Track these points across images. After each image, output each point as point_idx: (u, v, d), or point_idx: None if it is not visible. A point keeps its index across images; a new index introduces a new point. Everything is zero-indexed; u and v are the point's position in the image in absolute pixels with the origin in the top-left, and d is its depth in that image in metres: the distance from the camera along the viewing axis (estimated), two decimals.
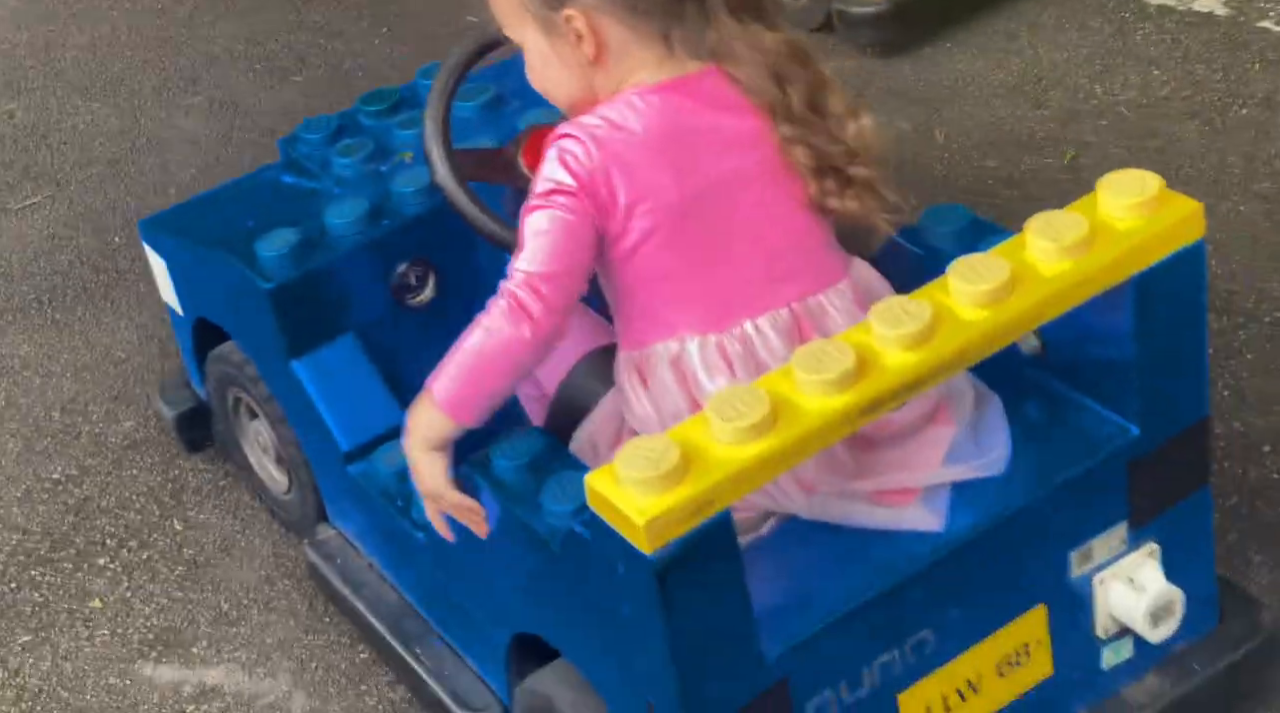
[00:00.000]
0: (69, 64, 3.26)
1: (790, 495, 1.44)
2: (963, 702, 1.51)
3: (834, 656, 1.42)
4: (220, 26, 3.29)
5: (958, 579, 1.45)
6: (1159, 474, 1.52)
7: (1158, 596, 1.52)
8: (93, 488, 2.21)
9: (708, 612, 1.33)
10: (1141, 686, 1.61)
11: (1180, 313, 1.47)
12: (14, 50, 3.33)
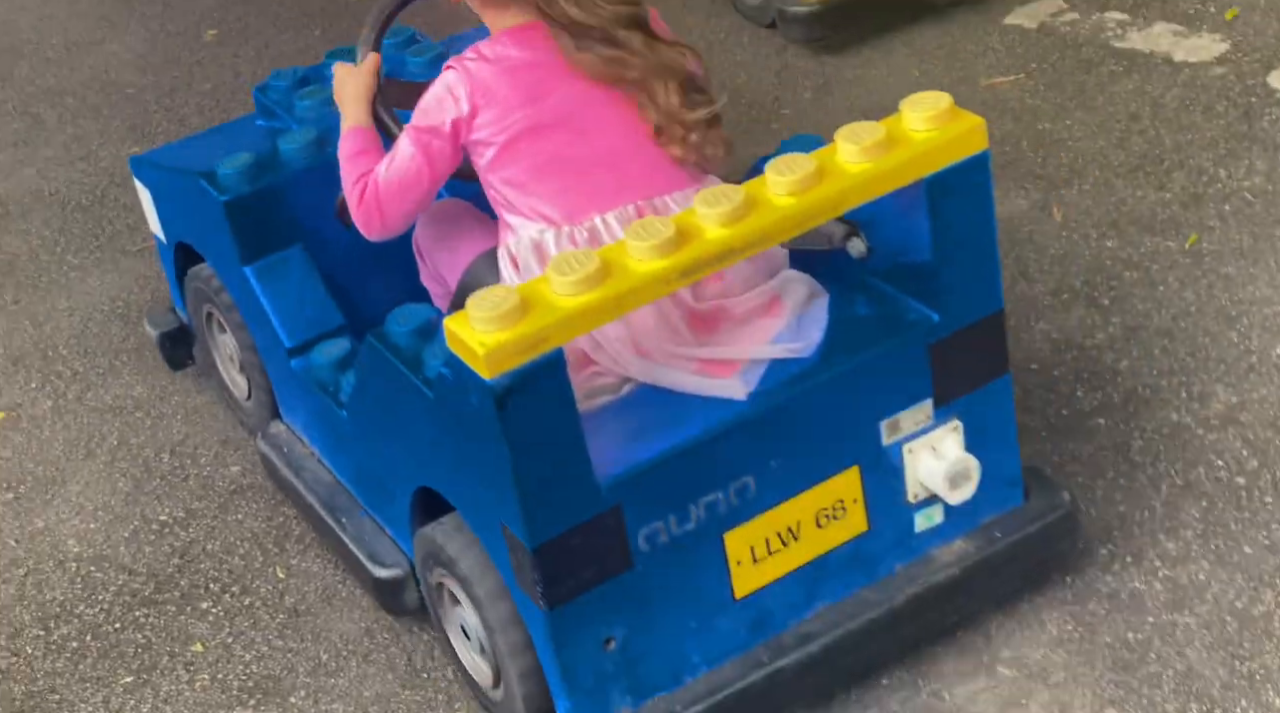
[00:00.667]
0: (192, 110, 3.22)
1: (627, 359, 1.69)
2: (784, 546, 1.72)
3: (662, 490, 1.63)
4: None
5: (774, 435, 1.67)
6: (958, 358, 1.74)
7: (955, 462, 1.74)
8: (199, 531, 2.20)
9: (543, 436, 1.54)
10: (950, 548, 1.81)
11: (970, 214, 1.70)
12: (140, 95, 3.30)
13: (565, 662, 1.68)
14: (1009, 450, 1.84)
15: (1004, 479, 1.84)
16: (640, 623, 1.70)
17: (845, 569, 1.78)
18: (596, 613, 1.67)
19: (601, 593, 1.66)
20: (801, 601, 1.78)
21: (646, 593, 1.69)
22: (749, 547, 1.72)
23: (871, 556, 1.80)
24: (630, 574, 1.66)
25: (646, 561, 1.66)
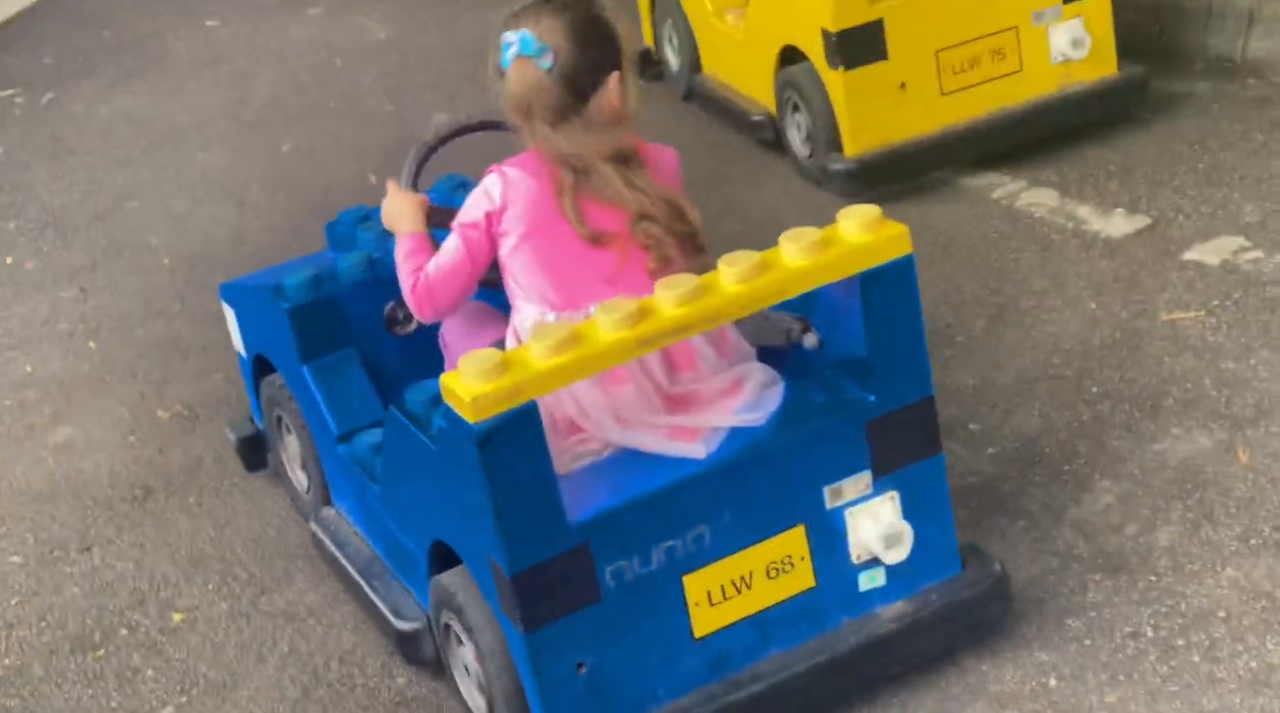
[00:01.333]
0: None
1: (608, 426, 2.07)
2: (738, 593, 2.06)
3: (626, 532, 1.97)
4: None
5: (726, 492, 2.01)
6: (893, 436, 2.07)
7: (888, 526, 2.08)
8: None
9: (519, 476, 1.89)
10: (892, 608, 2.14)
11: (898, 310, 2.05)
12: None
13: (542, 682, 1.98)
14: (944, 522, 2.15)
15: (941, 549, 2.16)
16: (609, 652, 2.01)
17: (796, 619, 2.10)
18: (569, 639, 1.98)
19: (573, 621, 1.97)
20: (757, 644, 2.09)
21: (614, 625, 2.01)
22: (706, 591, 2.05)
23: (820, 609, 2.12)
24: (599, 607, 1.99)
25: (613, 595, 1.99)
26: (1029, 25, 3.51)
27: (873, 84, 3.45)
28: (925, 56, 3.48)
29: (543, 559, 1.93)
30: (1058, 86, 3.58)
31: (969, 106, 3.56)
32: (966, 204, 3.54)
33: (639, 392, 2.07)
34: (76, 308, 3.81)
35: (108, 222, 4.31)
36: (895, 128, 3.51)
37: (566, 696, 2.00)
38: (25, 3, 6.20)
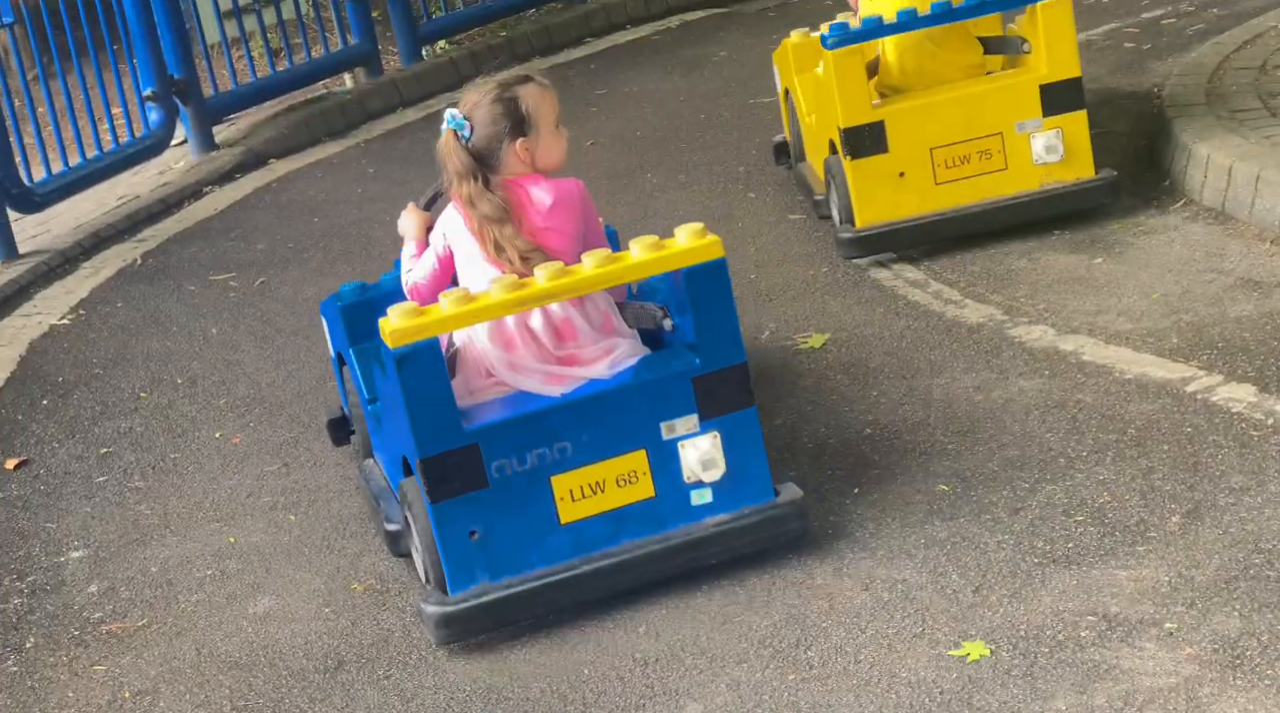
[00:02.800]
0: None
1: (507, 374, 3.08)
2: (594, 494, 2.98)
3: (506, 439, 2.94)
4: None
5: (583, 420, 2.97)
6: (713, 390, 3.01)
7: (705, 453, 3.02)
8: None
9: (425, 390, 2.86)
10: (715, 518, 3.06)
11: (715, 297, 3.00)
12: None
13: (444, 543, 2.94)
14: (759, 459, 3.08)
15: (757, 479, 3.09)
16: (494, 525, 2.94)
17: (640, 519, 3.02)
18: (463, 511, 2.92)
19: (466, 499, 2.92)
20: (610, 534, 3.01)
21: (498, 505, 2.94)
22: (569, 489, 2.97)
23: (659, 514, 3.04)
24: (486, 490, 2.93)
25: (497, 484, 2.94)
26: (1013, 132, 4.34)
27: (876, 172, 4.36)
28: (921, 152, 4.36)
29: (443, 450, 2.89)
30: (1040, 184, 4.43)
31: (960, 195, 4.42)
32: (1162, 399, 3.58)
33: (532, 353, 3.08)
34: (279, 481, 3.96)
35: (310, 399, 4.48)
36: (895, 208, 4.42)
37: (462, 555, 2.94)
38: (241, 193, 6.59)
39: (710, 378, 2.96)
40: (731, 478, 3.02)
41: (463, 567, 2.92)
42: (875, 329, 4.31)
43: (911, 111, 4.34)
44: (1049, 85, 4.31)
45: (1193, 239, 4.48)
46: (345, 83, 7.77)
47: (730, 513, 3.04)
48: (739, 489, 3.04)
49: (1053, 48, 4.30)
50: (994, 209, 4.40)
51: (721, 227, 5.17)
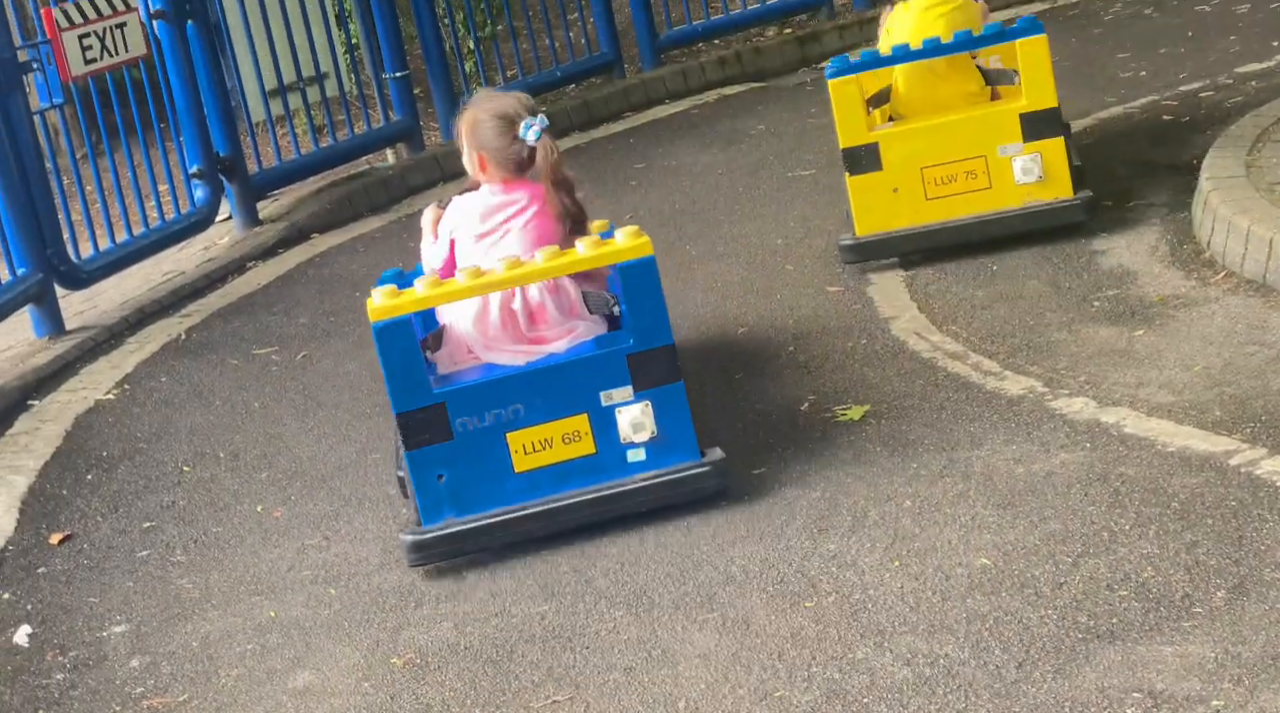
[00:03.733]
0: (599, 572, 3.51)
1: (482, 351, 3.77)
2: (543, 449, 3.63)
3: (468, 400, 3.60)
4: (740, 547, 3.52)
5: (535, 386, 3.63)
6: (645, 366, 3.61)
7: (636, 418, 3.64)
8: None
9: (399, 356, 3.57)
10: (646, 473, 3.68)
11: (645, 288, 3.62)
12: (552, 556, 3.61)
13: (419, 484, 3.64)
14: (685, 426, 3.67)
15: (683, 443, 3.67)
16: (459, 472, 3.61)
17: (583, 472, 3.64)
18: (432, 458, 3.60)
19: (435, 449, 3.59)
20: (557, 482, 3.65)
21: (461, 455, 3.61)
22: (521, 444, 3.62)
23: (599, 468, 3.65)
24: (452, 443, 3.59)
25: (461, 437, 3.61)
26: (996, 155, 4.85)
27: (872, 187, 4.92)
28: (912, 171, 4.89)
29: (415, 407, 3.57)
30: (1021, 202, 4.91)
31: (948, 210, 4.93)
32: (1206, 472, 3.55)
33: (508, 334, 3.74)
34: (319, 555, 3.97)
35: (351, 472, 4.51)
36: (890, 220, 4.96)
37: (432, 495, 3.63)
38: (284, 268, 6.66)
39: (642, 356, 3.60)
40: (661, 440, 3.63)
41: (433, 504, 3.60)
42: (915, 401, 4.31)
43: (903, 135, 4.92)
44: (1028, 114, 4.78)
45: (1234, 311, 4.47)
46: (387, 158, 7.86)
47: (659, 470, 3.63)
48: (668, 450, 3.64)
49: (1031, 80, 4.79)
50: (979, 223, 4.91)
51: (760, 299, 5.19)
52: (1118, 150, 5.86)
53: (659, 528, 3.75)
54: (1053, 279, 4.90)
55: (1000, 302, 4.82)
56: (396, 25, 7.77)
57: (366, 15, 7.73)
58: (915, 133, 4.92)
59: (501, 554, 3.79)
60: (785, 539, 3.59)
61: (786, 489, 3.88)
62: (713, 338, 4.95)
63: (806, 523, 3.68)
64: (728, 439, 4.22)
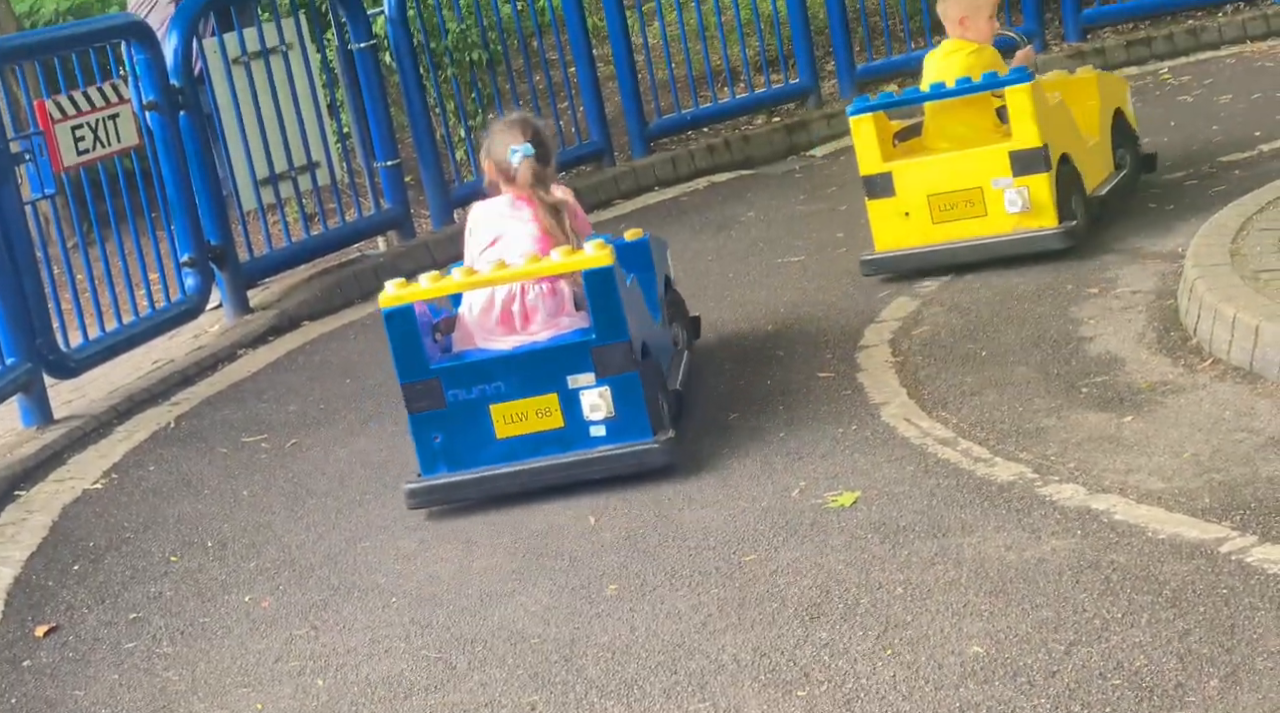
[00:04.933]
0: (589, 661, 3.51)
1: (478, 337, 4.54)
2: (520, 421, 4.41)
3: (458, 376, 4.40)
4: (731, 635, 3.53)
5: (513, 369, 4.39)
6: (604, 358, 4.31)
7: (594, 400, 4.35)
8: None
9: (404, 339, 4.41)
10: (606, 446, 4.42)
11: (606, 291, 4.32)
12: (542, 645, 3.64)
13: (418, 442, 4.47)
14: (639, 410, 4.35)
15: (637, 424, 4.37)
16: (450, 435, 4.41)
17: (554, 442, 4.38)
18: (429, 423, 4.42)
19: (431, 415, 4.39)
20: (532, 449, 4.40)
21: (452, 422, 4.38)
22: (502, 415, 4.36)
23: (566, 439, 4.38)
24: (444, 410, 4.37)
25: (453, 407, 4.38)
26: (990, 187, 5.54)
27: (887, 210, 5.67)
28: (920, 198, 5.62)
29: (415, 380, 4.40)
30: (1011, 229, 5.57)
31: (951, 233, 5.63)
32: (1197, 560, 3.53)
33: (502, 327, 4.52)
34: (307, 645, 3.94)
35: (340, 561, 4.48)
36: (902, 240, 5.70)
37: (429, 452, 4.46)
38: (275, 355, 6.67)
39: (602, 349, 4.27)
40: (619, 420, 4.30)
41: (430, 459, 4.42)
42: (905, 487, 4.30)
43: (913, 166, 5.63)
44: (1016, 152, 5.45)
45: (1221, 398, 4.49)
46: (379, 246, 7.90)
47: (615, 445, 4.32)
48: (625, 429, 4.32)
49: (1018, 124, 5.44)
50: (975, 246, 5.57)
51: (751, 384, 5.20)
52: (1104, 237, 5.90)
53: (649, 615, 3.76)
54: (1041, 365, 4.93)
55: (989, 387, 4.85)
56: (388, 114, 7.85)
57: (358, 105, 7.80)
58: (923, 165, 5.61)
59: (490, 642, 3.80)
60: (777, 627, 3.57)
61: (778, 576, 3.87)
62: (704, 422, 4.94)
63: (798, 610, 3.66)
64: (720, 525, 4.22)
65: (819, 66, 9.20)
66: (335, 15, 7.77)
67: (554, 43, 8.99)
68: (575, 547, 4.21)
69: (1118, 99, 6.18)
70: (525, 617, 3.90)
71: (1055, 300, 5.39)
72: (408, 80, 7.88)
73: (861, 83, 9.02)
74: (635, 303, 4.53)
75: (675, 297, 5.24)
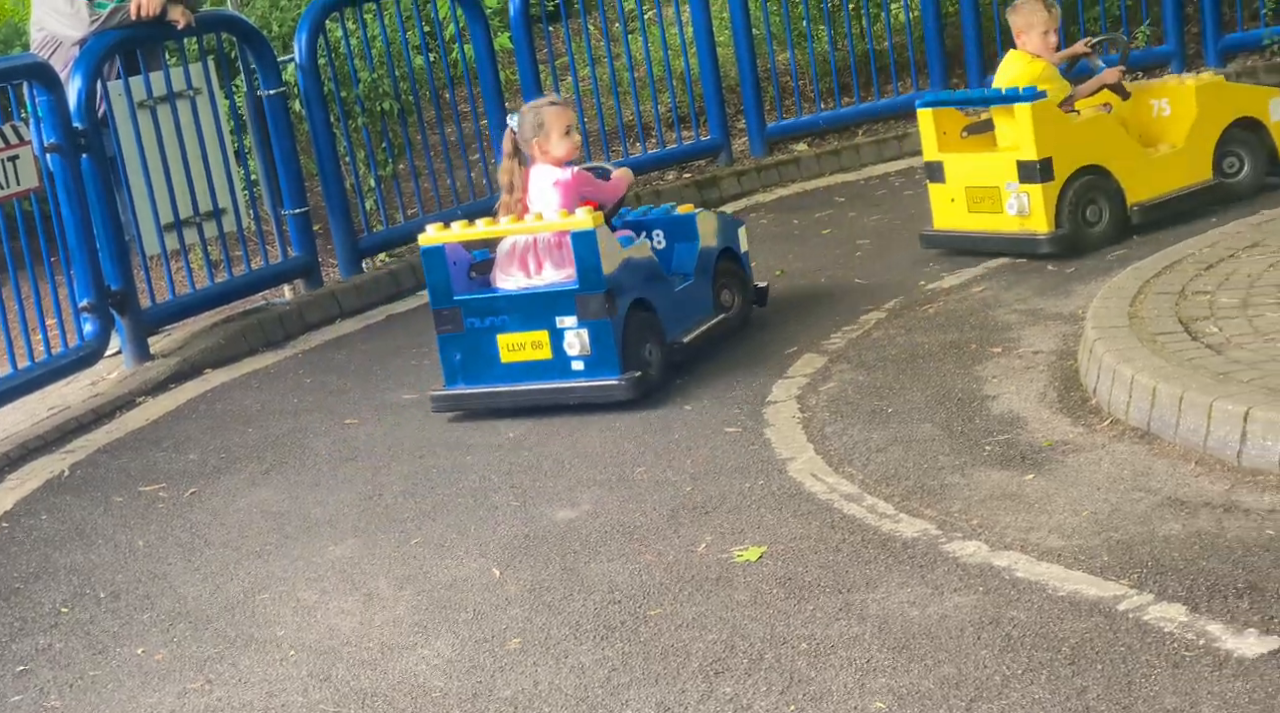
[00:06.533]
0: None
1: (499, 277, 5.57)
2: (519, 350, 5.42)
3: (474, 307, 5.46)
4: (635, 690, 3.54)
5: (515, 306, 5.41)
6: (585, 304, 5.22)
7: (572, 339, 5.30)
8: None
9: (436, 274, 5.50)
10: (583, 379, 5.39)
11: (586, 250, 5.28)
12: (444, 699, 3.62)
13: (443, 358, 5.56)
14: (610, 350, 5.28)
15: (609, 362, 5.31)
16: (466, 355, 5.50)
17: (544, 370, 5.42)
18: (451, 343, 5.51)
19: (453, 336, 5.50)
20: (528, 374, 5.45)
21: (468, 344, 5.47)
22: (506, 344, 5.40)
23: (553, 369, 5.40)
24: (462, 334, 5.47)
25: (469, 331, 5.46)
26: (1004, 188, 6.27)
27: (940, 195, 6.53)
28: (961, 188, 6.42)
29: (443, 307, 5.43)
30: (1018, 228, 6.33)
31: (980, 223, 6.45)
32: (1095, 617, 3.57)
33: (521, 272, 5.45)
34: (201, 699, 3.86)
35: (237, 613, 4.39)
36: (950, 221, 6.54)
37: (451, 368, 5.48)
38: (175, 403, 6.56)
39: (583, 297, 5.17)
40: (594, 358, 5.21)
41: (451, 373, 5.45)
42: (811, 542, 4.31)
43: (955, 160, 6.40)
44: (1021, 162, 6.13)
45: (1120, 458, 4.56)
46: (285, 294, 7.82)
47: (590, 378, 5.27)
48: (598, 366, 5.24)
49: (1021, 137, 6.12)
50: (992, 238, 6.37)
51: (658, 438, 5.19)
52: (1007, 299, 6.00)
53: (553, 669, 3.72)
54: (946, 423, 4.98)
55: (895, 444, 4.89)
56: (297, 162, 7.79)
57: (266, 152, 7.74)
58: (962, 160, 6.35)
59: (390, 696, 3.72)
60: (681, 682, 3.56)
61: (683, 631, 3.85)
62: (609, 477, 4.93)
63: (703, 665, 3.64)
64: (625, 579, 4.19)
65: (730, 124, 9.29)
66: (244, 61, 7.71)
67: (466, 95, 9.00)
68: (479, 600, 4.17)
69: (1240, 108, 6.49)
70: (427, 670, 3.85)
71: (960, 359, 5.46)
72: (317, 128, 7.83)
73: (772, 141, 9.12)
74: (640, 264, 5.41)
75: (730, 267, 5.90)
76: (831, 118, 9.24)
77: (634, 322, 5.24)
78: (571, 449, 5.24)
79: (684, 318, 5.56)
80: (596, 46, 10.41)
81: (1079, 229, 6.25)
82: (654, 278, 5.45)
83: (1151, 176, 6.36)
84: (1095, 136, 6.25)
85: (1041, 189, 6.10)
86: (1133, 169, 6.30)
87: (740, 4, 9.00)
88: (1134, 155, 6.34)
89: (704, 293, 5.73)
